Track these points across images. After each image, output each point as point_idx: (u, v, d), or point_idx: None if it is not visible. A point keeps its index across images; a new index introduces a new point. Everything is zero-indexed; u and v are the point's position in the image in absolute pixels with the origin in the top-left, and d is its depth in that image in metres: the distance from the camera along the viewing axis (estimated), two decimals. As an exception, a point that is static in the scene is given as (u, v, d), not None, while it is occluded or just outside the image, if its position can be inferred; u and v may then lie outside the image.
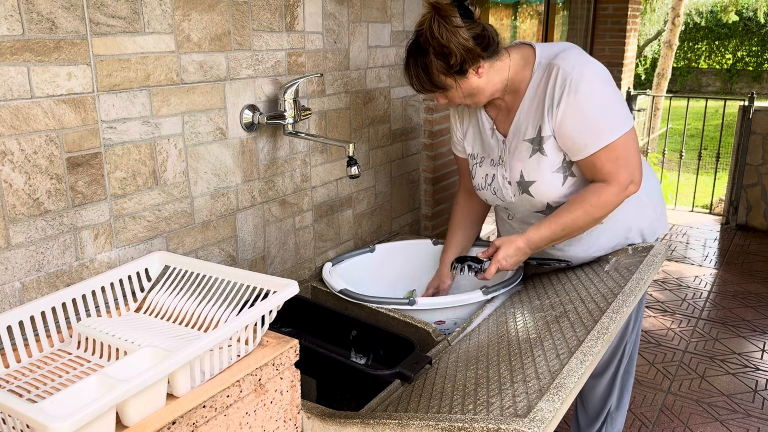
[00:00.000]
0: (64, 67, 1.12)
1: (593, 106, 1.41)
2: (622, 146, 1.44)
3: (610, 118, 1.43)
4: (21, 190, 1.10)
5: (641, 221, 1.65)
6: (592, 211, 1.47)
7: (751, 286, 3.50)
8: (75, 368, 1.03)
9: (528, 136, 1.52)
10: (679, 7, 9.31)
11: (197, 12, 1.35)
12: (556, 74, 1.43)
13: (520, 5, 4.26)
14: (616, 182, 1.45)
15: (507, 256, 1.52)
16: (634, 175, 1.47)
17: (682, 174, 5.69)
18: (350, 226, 1.99)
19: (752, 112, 4.28)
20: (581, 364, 1.07)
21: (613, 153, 1.43)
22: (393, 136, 2.11)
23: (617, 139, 1.43)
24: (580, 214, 1.47)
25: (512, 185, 1.58)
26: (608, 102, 1.44)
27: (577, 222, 1.48)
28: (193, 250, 1.45)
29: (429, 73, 1.45)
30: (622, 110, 1.46)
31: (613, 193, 1.46)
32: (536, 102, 1.49)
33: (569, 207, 1.49)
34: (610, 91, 1.45)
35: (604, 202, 1.46)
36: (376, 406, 1.25)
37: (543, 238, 1.51)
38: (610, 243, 1.65)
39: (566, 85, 1.41)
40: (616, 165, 1.44)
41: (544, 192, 1.54)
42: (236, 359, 1.05)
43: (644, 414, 2.33)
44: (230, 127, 1.49)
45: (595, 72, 1.43)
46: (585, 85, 1.41)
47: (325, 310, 1.57)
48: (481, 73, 1.45)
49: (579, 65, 1.42)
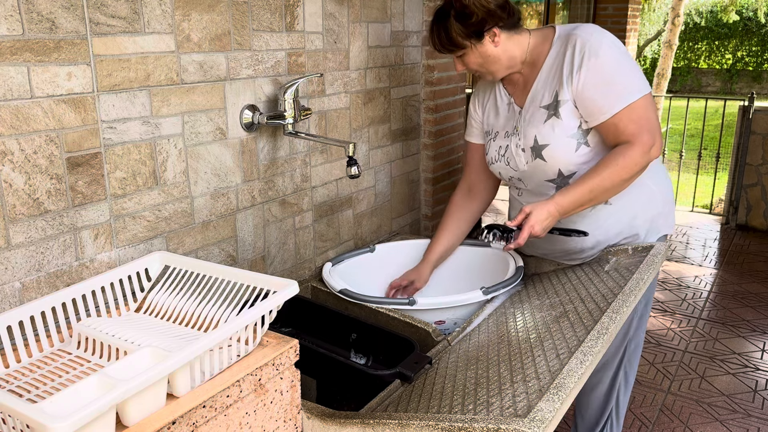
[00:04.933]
0: (64, 67, 1.12)
1: (614, 68, 1.47)
2: (643, 107, 1.47)
3: (630, 79, 1.48)
4: (21, 190, 1.10)
5: (648, 211, 1.65)
6: (619, 171, 1.47)
7: (751, 286, 3.50)
8: (75, 368, 1.03)
9: (544, 102, 1.57)
10: (679, 7, 9.31)
11: (197, 12, 1.35)
12: (575, 42, 1.50)
13: (520, 5, 4.26)
14: (639, 143, 1.47)
15: (539, 221, 1.49)
16: (656, 137, 1.49)
17: (682, 174, 5.69)
18: (350, 226, 1.99)
19: (752, 112, 4.28)
20: (581, 364, 1.07)
21: (635, 113, 1.47)
22: (393, 136, 2.11)
23: (638, 99, 1.47)
24: (607, 175, 1.47)
25: (525, 152, 1.61)
26: (628, 66, 1.49)
27: (604, 183, 1.48)
28: (193, 250, 1.45)
29: (449, 33, 1.54)
30: (641, 75, 1.52)
31: (637, 154, 1.46)
32: (554, 70, 1.55)
33: (596, 169, 1.49)
34: (625, 56, 1.51)
35: (630, 163, 1.46)
36: (376, 406, 1.25)
37: (572, 202, 1.50)
38: (615, 228, 1.64)
39: (586, 50, 1.47)
40: (638, 126, 1.47)
41: (556, 156, 1.56)
42: (236, 359, 1.05)
43: (644, 414, 2.33)
44: (230, 127, 1.49)
45: (613, 39, 1.51)
46: (605, 48, 1.47)
47: (325, 310, 1.57)
48: (497, 42, 1.54)
49: (597, 33, 1.50)
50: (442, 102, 2.27)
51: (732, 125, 5.31)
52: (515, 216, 1.56)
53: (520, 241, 1.50)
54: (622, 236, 1.65)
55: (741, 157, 4.38)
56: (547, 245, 1.74)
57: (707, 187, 5.59)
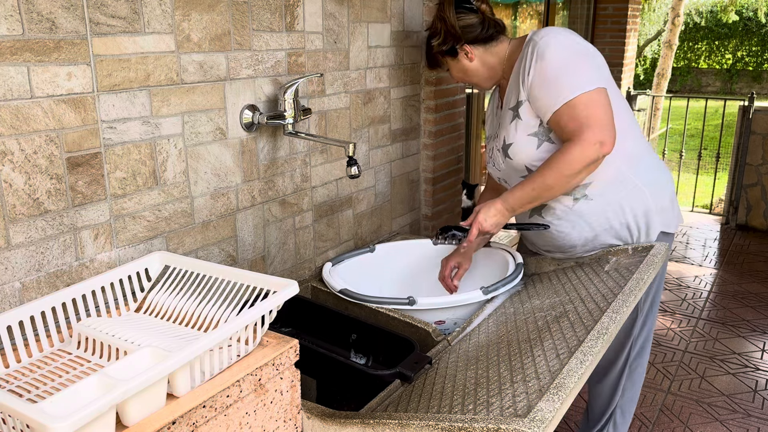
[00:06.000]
0: (64, 67, 1.12)
1: (557, 68, 1.51)
2: (584, 105, 1.48)
3: (570, 78, 1.50)
4: (21, 190, 1.10)
5: (636, 205, 1.63)
6: (560, 169, 1.50)
7: (751, 286, 3.50)
8: (75, 368, 1.03)
9: (511, 104, 1.64)
10: (679, 7, 9.31)
11: (197, 12, 1.35)
12: (529, 45, 1.57)
13: (520, 5, 4.26)
14: (579, 140, 1.48)
15: (486, 218, 1.58)
16: (602, 134, 1.48)
17: (682, 174, 5.68)
18: (350, 226, 1.99)
19: (752, 112, 4.28)
20: (581, 364, 1.07)
21: (574, 110, 1.49)
22: (393, 136, 2.11)
23: (576, 96, 1.48)
24: (548, 171, 1.52)
25: (500, 152, 1.69)
26: (574, 65, 1.52)
27: (547, 180, 1.52)
28: (193, 250, 1.45)
29: (429, 52, 1.76)
30: (588, 74, 1.52)
31: (577, 150, 1.48)
32: (516, 73, 1.62)
33: (540, 167, 1.56)
34: (574, 56, 1.54)
35: (570, 159, 1.49)
36: (376, 406, 1.25)
37: (518, 199, 1.57)
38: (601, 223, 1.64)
39: (536, 52, 1.54)
40: (578, 123, 1.48)
41: (518, 154, 1.63)
42: (236, 359, 1.05)
43: (644, 414, 2.33)
44: (230, 127, 1.49)
45: (561, 41, 1.55)
46: (549, 51, 1.52)
47: (325, 310, 1.57)
48: (471, 57, 1.68)
49: (548, 36, 1.55)
50: (442, 102, 2.27)
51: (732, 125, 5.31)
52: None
53: (471, 238, 1.60)
54: (613, 232, 1.64)
55: (741, 157, 4.38)
56: (538, 240, 1.79)
57: (707, 187, 5.59)
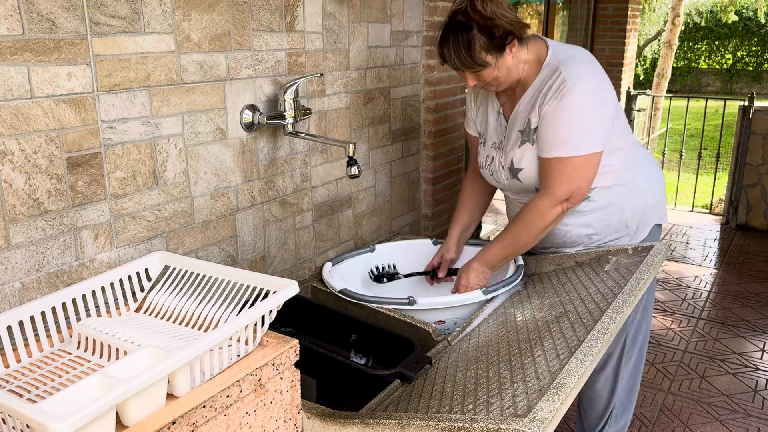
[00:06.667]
0: (64, 67, 1.12)
1: (568, 118, 1.47)
2: (574, 165, 1.50)
3: (577, 135, 1.48)
4: (21, 190, 1.10)
5: (636, 205, 1.67)
6: (530, 221, 1.56)
7: (751, 286, 3.50)
8: (75, 368, 1.03)
9: (520, 126, 1.59)
10: (679, 7, 9.31)
11: (197, 12, 1.35)
12: (557, 76, 1.49)
13: (520, 5, 4.26)
14: (549, 193, 1.53)
15: (468, 281, 1.65)
16: (573, 194, 1.52)
17: (682, 174, 5.69)
18: (350, 226, 1.99)
19: (752, 112, 4.28)
20: (581, 364, 1.07)
21: (563, 166, 1.50)
22: (393, 136, 2.11)
23: (573, 156, 1.48)
24: (520, 227, 1.58)
25: (505, 170, 1.66)
26: (584, 121, 1.48)
27: (521, 235, 1.59)
28: (193, 250, 1.45)
29: (471, 49, 1.45)
30: (595, 134, 1.50)
31: (546, 205, 1.53)
32: (535, 96, 1.55)
33: (511, 223, 1.62)
34: (593, 110, 1.49)
35: (539, 212, 1.54)
36: (376, 406, 1.25)
37: (496, 255, 1.63)
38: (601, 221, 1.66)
39: (559, 89, 1.48)
40: (559, 177, 1.51)
41: (530, 178, 1.61)
42: (236, 359, 1.05)
43: (644, 414, 2.33)
44: (230, 127, 1.49)
45: (588, 88, 1.47)
46: (571, 96, 1.46)
47: (325, 310, 1.57)
48: (513, 53, 1.50)
49: (577, 76, 1.47)
50: (442, 102, 2.27)
51: (732, 125, 5.31)
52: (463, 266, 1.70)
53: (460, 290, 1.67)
54: (611, 229, 1.67)
55: (741, 157, 4.38)
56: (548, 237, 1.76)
57: (707, 187, 5.59)
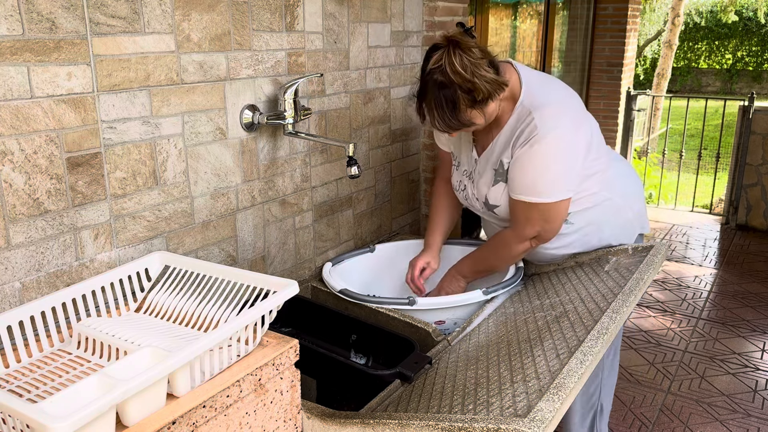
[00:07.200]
0: (64, 67, 1.12)
1: (538, 166, 1.49)
2: (541, 210, 1.53)
3: (546, 184, 1.51)
4: (21, 190, 1.10)
5: (613, 219, 1.69)
6: (497, 251, 1.67)
7: (751, 286, 3.50)
8: (75, 368, 1.03)
9: (494, 165, 1.60)
10: (679, 7, 9.31)
11: (197, 12, 1.35)
12: (529, 121, 1.48)
13: (520, 5, 4.25)
14: (517, 231, 1.59)
15: (450, 288, 1.75)
16: (540, 234, 1.58)
17: (682, 174, 5.69)
18: (350, 226, 1.99)
19: (752, 112, 4.28)
20: (581, 364, 1.07)
21: (531, 210, 1.54)
22: (393, 136, 2.11)
23: (540, 203, 1.52)
24: (489, 253, 1.70)
25: (479, 201, 1.69)
26: (554, 170, 1.50)
27: (489, 260, 1.71)
28: (193, 250, 1.45)
29: (456, 110, 1.41)
30: (565, 182, 1.52)
31: (514, 240, 1.61)
32: (508, 139, 1.54)
33: (484, 246, 1.74)
34: (563, 160, 1.50)
35: (506, 245, 1.64)
36: (376, 406, 1.25)
37: (469, 268, 1.74)
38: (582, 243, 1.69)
39: (529, 137, 1.47)
40: (527, 218, 1.56)
41: (507, 213, 1.63)
42: (236, 359, 1.05)
43: (644, 414, 2.33)
44: (230, 127, 1.49)
45: (559, 136, 1.46)
46: (542, 145, 1.46)
47: (325, 310, 1.57)
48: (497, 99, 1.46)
49: (550, 125, 1.46)
50: (442, 102, 2.27)
51: (732, 125, 5.31)
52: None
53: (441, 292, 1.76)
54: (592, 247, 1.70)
55: (741, 157, 4.38)
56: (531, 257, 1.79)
57: (707, 187, 5.59)
